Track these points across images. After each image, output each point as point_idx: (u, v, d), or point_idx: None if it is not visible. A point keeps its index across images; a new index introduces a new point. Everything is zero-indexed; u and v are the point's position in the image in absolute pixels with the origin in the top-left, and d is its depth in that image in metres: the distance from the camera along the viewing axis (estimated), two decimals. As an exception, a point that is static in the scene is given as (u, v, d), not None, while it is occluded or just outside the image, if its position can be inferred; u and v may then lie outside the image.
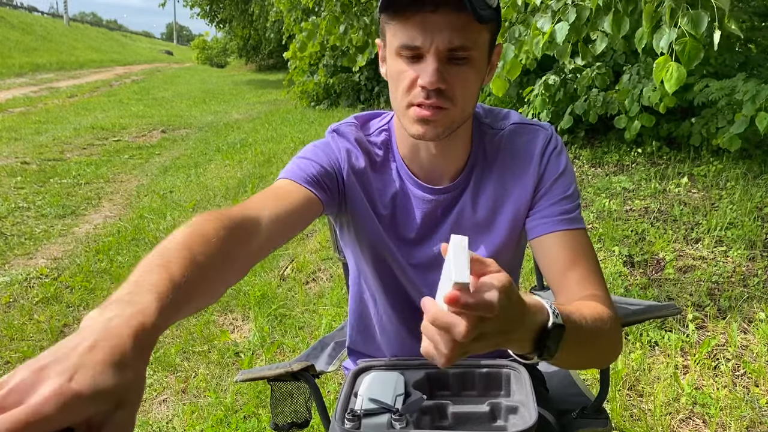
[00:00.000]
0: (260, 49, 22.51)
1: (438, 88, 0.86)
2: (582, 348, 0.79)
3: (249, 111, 11.24)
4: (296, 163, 1.02)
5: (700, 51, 2.11)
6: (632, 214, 3.73)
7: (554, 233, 0.98)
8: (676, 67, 2.11)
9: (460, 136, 0.99)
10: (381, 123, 1.07)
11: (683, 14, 2.10)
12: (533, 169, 1.00)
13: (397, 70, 0.90)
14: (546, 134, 1.02)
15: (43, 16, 35.42)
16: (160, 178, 5.82)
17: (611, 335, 0.84)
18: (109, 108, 11.32)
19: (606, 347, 0.86)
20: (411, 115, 0.90)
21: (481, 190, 1.03)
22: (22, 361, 1.36)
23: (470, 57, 0.87)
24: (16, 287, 3.20)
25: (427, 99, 0.88)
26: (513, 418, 0.92)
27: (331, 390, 2.23)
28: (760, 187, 3.79)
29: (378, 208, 1.04)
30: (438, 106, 0.88)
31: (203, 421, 2.10)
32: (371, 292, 1.13)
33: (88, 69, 21.48)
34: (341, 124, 1.06)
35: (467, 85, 0.89)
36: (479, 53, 0.89)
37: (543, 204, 1.00)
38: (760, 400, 2.06)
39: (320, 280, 3.27)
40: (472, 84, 0.90)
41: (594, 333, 0.79)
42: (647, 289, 2.83)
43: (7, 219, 4.37)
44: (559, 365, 0.86)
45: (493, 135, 1.03)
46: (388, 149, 1.05)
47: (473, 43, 0.86)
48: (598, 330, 0.80)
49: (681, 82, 2.11)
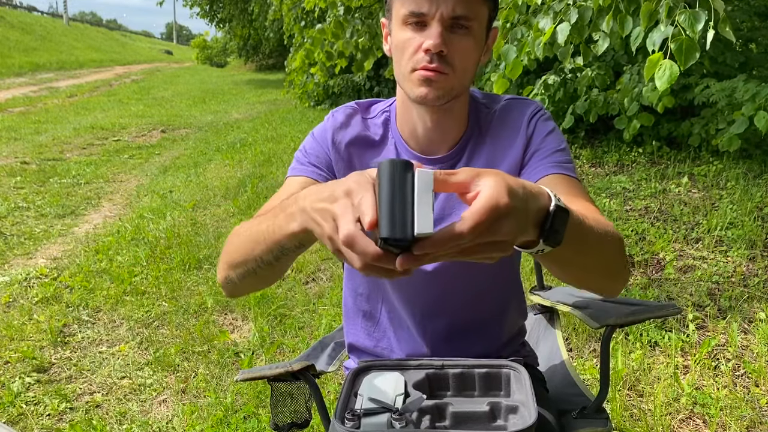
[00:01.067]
0: (260, 49, 22.51)
1: (440, 51, 0.93)
2: (587, 247, 0.77)
3: (249, 111, 11.24)
4: (297, 158, 1.11)
5: (696, 50, 2.12)
6: (632, 213, 3.73)
7: (550, 175, 0.99)
8: (669, 65, 2.12)
9: (456, 110, 1.04)
10: (383, 106, 1.13)
11: (680, 12, 2.11)
12: (521, 133, 1.05)
13: (403, 39, 0.96)
14: (535, 105, 1.07)
15: (42, 16, 35.39)
16: (159, 177, 5.82)
17: (617, 245, 0.84)
18: (109, 108, 11.32)
19: (612, 256, 0.84)
20: (414, 78, 0.96)
21: (474, 160, 1.07)
22: (22, 362, 1.36)
23: (471, 27, 0.94)
24: (16, 287, 3.20)
25: (430, 63, 0.94)
26: (513, 418, 0.92)
27: (331, 390, 2.23)
28: (761, 187, 3.79)
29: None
30: (439, 71, 0.94)
31: (203, 421, 2.10)
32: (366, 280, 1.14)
33: (87, 69, 21.47)
34: (340, 108, 1.12)
35: (467, 55, 0.96)
36: (479, 26, 0.96)
37: (536, 158, 1.03)
38: (761, 400, 2.06)
39: (320, 280, 3.27)
40: (471, 54, 0.97)
41: (598, 235, 0.78)
42: (647, 289, 2.83)
43: (7, 219, 4.37)
44: (564, 271, 0.83)
45: (488, 113, 1.09)
46: (387, 127, 1.10)
47: (474, 14, 0.94)
48: (604, 232, 0.80)
49: (673, 81, 2.11)
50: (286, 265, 0.89)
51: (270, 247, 0.81)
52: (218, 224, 4.25)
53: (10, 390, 2.26)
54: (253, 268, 0.88)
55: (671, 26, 2.14)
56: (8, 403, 2.19)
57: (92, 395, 2.28)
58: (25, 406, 2.19)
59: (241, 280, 0.92)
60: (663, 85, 2.12)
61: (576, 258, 0.77)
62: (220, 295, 3.06)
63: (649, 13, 2.25)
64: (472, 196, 0.60)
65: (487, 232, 0.58)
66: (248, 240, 0.86)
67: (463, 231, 0.57)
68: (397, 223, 0.55)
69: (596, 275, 0.87)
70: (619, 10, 2.48)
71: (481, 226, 0.57)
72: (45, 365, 2.47)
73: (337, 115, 1.11)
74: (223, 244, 0.96)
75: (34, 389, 2.30)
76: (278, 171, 5.58)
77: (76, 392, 2.30)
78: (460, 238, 0.57)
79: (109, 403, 2.23)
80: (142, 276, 3.34)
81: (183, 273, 3.37)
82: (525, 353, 1.24)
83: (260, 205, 4.08)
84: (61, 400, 2.23)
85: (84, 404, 2.22)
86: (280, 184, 0.96)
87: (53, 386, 2.32)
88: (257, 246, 0.84)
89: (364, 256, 0.59)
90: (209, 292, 3.11)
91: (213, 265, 3.47)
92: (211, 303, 2.99)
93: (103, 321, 2.87)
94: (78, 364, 2.49)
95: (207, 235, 3.95)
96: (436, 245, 0.57)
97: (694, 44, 2.10)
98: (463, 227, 0.57)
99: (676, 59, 2.11)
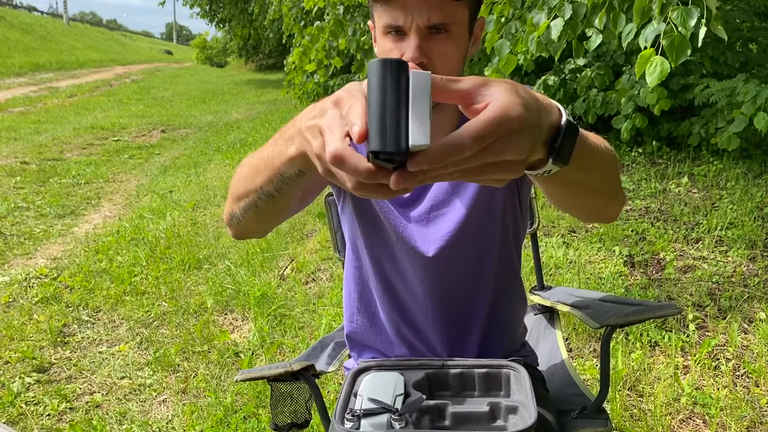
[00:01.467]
0: (260, 49, 22.52)
1: (420, 62, 0.92)
2: (591, 164, 0.73)
3: (249, 111, 11.24)
4: None
5: (687, 47, 2.12)
6: (632, 213, 3.73)
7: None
8: (660, 62, 2.12)
9: (448, 105, 1.03)
10: None
11: (673, 9, 2.11)
12: None
13: (384, 49, 0.98)
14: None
15: (42, 16, 35.40)
16: (159, 177, 5.82)
17: (614, 161, 0.81)
18: (109, 108, 11.32)
19: (611, 172, 0.82)
20: None
21: None
22: (22, 362, 1.36)
23: (450, 31, 0.94)
24: (16, 287, 3.20)
25: None
26: (513, 419, 0.92)
27: (331, 390, 2.23)
28: (761, 187, 3.79)
29: None
30: None
31: (203, 422, 2.10)
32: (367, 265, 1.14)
33: (87, 69, 21.47)
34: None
35: (447, 58, 0.96)
36: (458, 28, 0.95)
37: None
38: (761, 400, 2.06)
39: (320, 280, 3.27)
40: (452, 56, 0.97)
41: (600, 151, 0.75)
42: (647, 289, 2.83)
43: (7, 219, 4.37)
44: (566, 192, 0.80)
45: None
46: None
47: (451, 18, 0.93)
48: (604, 146, 0.77)
49: (663, 77, 2.12)
50: (289, 198, 0.84)
51: (270, 176, 0.77)
52: (218, 224, 4.24)
53: (10, 390, 2.26)
54: (254, 201, 0.84)
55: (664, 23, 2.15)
56: (8, 403, 2.19)
57: (92, 395, 2.28)
58: (25, 406, 2.19)
59: (244, 214, 0.89)
60: (653, 82, 2.13)
61: (579, 176, 0.72)
62: (220, 295, 3.06)
63: (643, 9, 2.25)
64: (481, 107, 0.53)
65: (495, 148, 0.52)
66: (250, 170, 0.83)
67: (466, 141, 0.50)
68: (388, 133, 0.48)
69: (597, 196, 0.83)
70: (612, 7, 2.49)
71: (488, 138, 0.51)
72: (45, 365, 2.47)
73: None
74: (223, 244, 0.97)
75: (34, 389, 2.30)
76: (278, 171, 5.58)
77: (76, 392, 2.30)
78: (461, 151, 0.50)
79: (109, 403, 2.23)
80: (142, 276, 3.34)
81: (183, 273, 3.37)
82: (525, 353, 1.24)
83: (260, 205, 3.95)
84: (61, 400, 2.23)
85: (84, 404, 2.22)
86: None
87: (53, 386, 2.32)
88: (258, 175, 0.80)
89: (356, 173, 0.52)
90: (209, 292, 3.11)
91: (213, 265, 3.47)
92: (211, 303, 2.99)
93: (103, 321, 2.87)
94: (78, 364, 2.49)
95: (207, 235, 3.95)
96: (435, 159, 0.50)
97: (685, 41, 2.10)
98: (465, 136, 0.50)
99: (668, 56, 2.12)
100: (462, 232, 1.07)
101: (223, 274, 3.32)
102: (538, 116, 0.57)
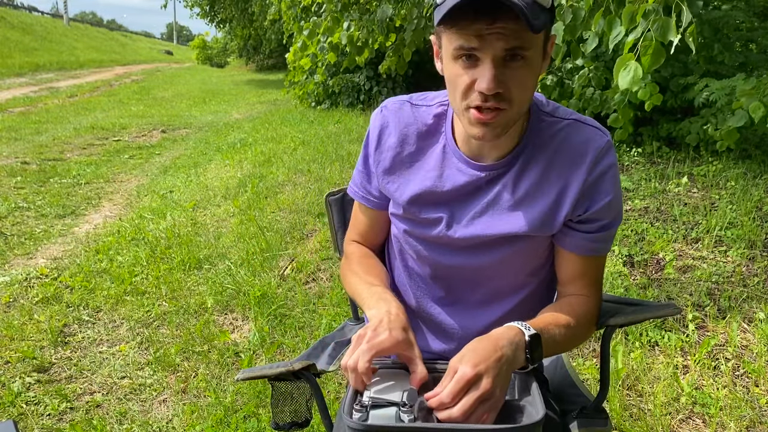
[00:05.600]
0: (260, 49, 22.54)
1: (497, 92, 0.89)
2: (560, 349, 1.03)
3: (249, 111, 11.24)
4: (354, 178, 1.20)
5: (662, 55, 2.16)
6: (632, 213, 3.73)
7: (580, 256, 1.06)
8: (635, 67, 2.15)
9: (509, 132, 1.01)
10: (441, 98, 1.10)
11: (655, 20, 2.13)
12: (584, 168, 1.01)
13: (454, 74, 0.93)
14: (603, 140, 1.02)
15: (43, 16, 35.36)
16: (160, 178, 5.82)
17: (583, 332, 1.07)
18: (109, 108, 11.32)
19: (578, 339, 1.09)
20: (470, 117, 0.94)
21: (526, 172, 1.04)
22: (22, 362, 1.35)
23: (526, 57, 0.90)
24: (16, 287, 3.20)
25: (485, 102, 0.91)
26: (519, 417, 0.92)
27: (332, 390, 2.23)
28: (760, 187, 3.79)
29: (419, 172, 1.09)
30: (496, 108, 0.91)
31: (203, 421, 2.10)
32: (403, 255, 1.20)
33: (88, 69, 21.47)
34: (390, 100, 1.14)
35: (524, 85, 0.92)
36: (535, 52, 0.91)
37: (583, 225, 1.04)
38: (760, 400, 2.06)
39: (320, 280, 3.27)
40: (528, 82, 0.93)
41: (570, 338, 1.02)
42: (647, 289, 2.83)
43: (7, 219, 4.37)
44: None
45: (551, 123, 1.04)
46: (440, 121, 1.09)
47: (529, 44, 0.89)
48: (572, 335, 1.03)
49: (636, 82, 2.14)
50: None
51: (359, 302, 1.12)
52: (218, 224, 4.25)
53: (11, 390, 2.27)
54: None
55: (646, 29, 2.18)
56: (8, 403, 2.20)
57: (92, 395, 2.29)
58: (25, 405, 2.19)
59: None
60: (624, 85, 2.15)
61: (548, 353, 0.98)
62: (220, 295, 3.06)
63: (631, 14, 2.27)
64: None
65: (478, 414, 0.86)
66: (349, 287, 1.19)
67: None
68: None
69: (570, 348, 1.10)
70: (609, 11, 2.51)
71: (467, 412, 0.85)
72: (45, 365, 2.47)
73: (386, 111, 1.12)
74: (223, 244, 0.99)
75: (34, 389, 2.31)
76: (278, 171, 5.58)
77: (76, 392, 2.30)
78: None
79: (110, 403, 2.23)
80: (143, 276, 3.34)
81: (183, 273, 3.37)
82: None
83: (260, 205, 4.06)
84: (62, 400, 2.23)
85: (84, 404, 2.23)
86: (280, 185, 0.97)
87: (53, 386, 2.33)
88: (354, 296, 1.16)
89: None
90: (209, 292, 3.11)
91: (213, 265, 3.47)
92: (211, 303, 2.99)
93: (104, 321, 2.87)
94: (78, 364, 2.49)
95: (207, 235, 3.95)
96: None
97: (661, 50, 2.15)
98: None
99: (641, 62, 2.15)
100: (508, 240, 1.06)
101: (224, 274, 3.32)
102: (510, 369, 0.90)
